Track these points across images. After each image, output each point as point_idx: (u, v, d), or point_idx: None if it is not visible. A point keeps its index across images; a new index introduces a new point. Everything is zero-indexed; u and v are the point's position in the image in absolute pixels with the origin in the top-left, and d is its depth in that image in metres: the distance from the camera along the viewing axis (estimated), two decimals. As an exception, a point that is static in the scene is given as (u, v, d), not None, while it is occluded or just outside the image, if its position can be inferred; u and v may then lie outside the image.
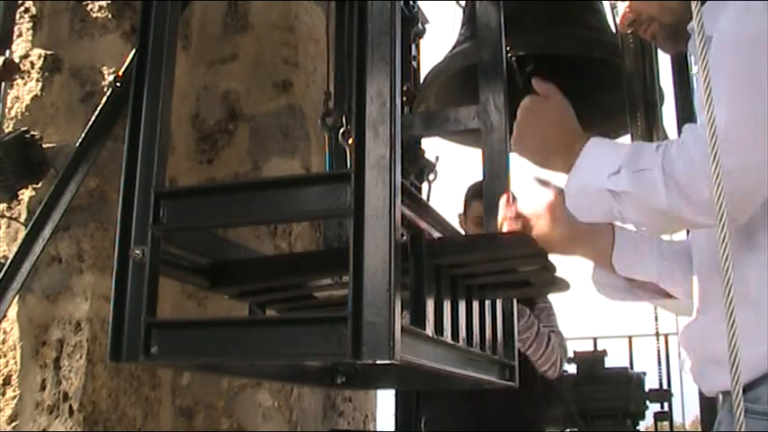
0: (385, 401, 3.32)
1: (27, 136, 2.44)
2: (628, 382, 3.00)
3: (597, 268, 1.47)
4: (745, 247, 1.14)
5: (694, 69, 1.43)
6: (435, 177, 2.35)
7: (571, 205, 1.26)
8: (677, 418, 4.23)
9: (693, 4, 0.88)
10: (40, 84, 2.83)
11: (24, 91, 2.84)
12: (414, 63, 2.57)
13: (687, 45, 1.35)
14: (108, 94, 2.46)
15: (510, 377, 1.45)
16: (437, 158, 2.36)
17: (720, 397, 1.27)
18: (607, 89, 2.44)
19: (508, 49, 1.62)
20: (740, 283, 0.92)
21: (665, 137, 2.71)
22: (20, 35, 2.86)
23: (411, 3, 2.45)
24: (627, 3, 1.41)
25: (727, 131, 0.99)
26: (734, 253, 0.87)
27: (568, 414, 3.06)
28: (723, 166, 0.87)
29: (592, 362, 3.03)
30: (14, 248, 2.39)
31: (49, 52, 2.86)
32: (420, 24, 2.52)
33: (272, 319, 1.32)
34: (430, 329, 1.12)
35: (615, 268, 1.40)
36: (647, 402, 3.04)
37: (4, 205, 2.70)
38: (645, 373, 3.14)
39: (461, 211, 2.73)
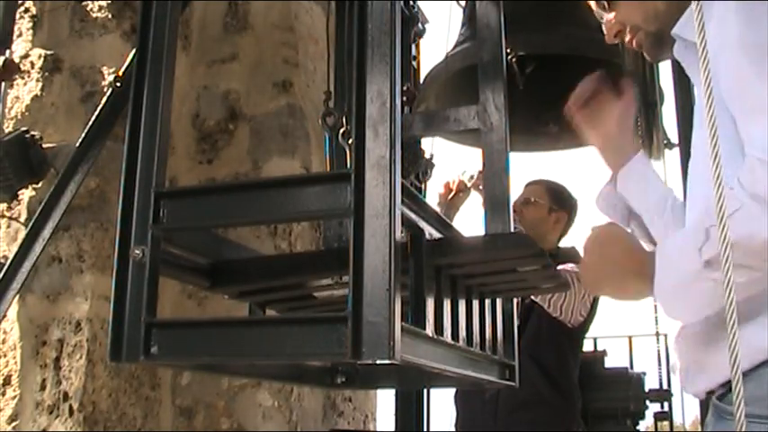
0: (385, 401, 3.32)
1: (27, 136, 2.45)
2: (628, 382, 2.99)
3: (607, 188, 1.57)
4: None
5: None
6: (429, 177, 2.36)
7: (670, 309, 1.20)
8: (677, 418, 4.24)
9: (694, 5, 0.88)
10: (40, 84, 2.83)
11: (24, 91, 2.85)
12: (414, 63, 2.57)
13: (673, 51, 1.36)
14: (108, 94, 2.46)
15: (510, 377, 1.45)
16: (431, 156, 2.37)
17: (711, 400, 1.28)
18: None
19: (508, 49, 1.62)
20: None
21: (666, 137, 2.71)
22: (20, 35, 2.86)
23: (411, 3, 2.45)
24: (611, 15, 1.42)
25: None
26: None
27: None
28: None
29: (592, 362, 3.02)
30: (14, 248, 2.39)
31: (48, 52, 2.86)
32: (420, 24, 2.52)
33: (272, 319, 1.32)
34: (430, 329, 1.12)
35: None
36: (647, 402, 3.03)
37: (4, 205, 2.70)
38: (645, 373, 3.13)
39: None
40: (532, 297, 2.73)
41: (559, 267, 2.55)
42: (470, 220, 2.84)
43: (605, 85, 1.62)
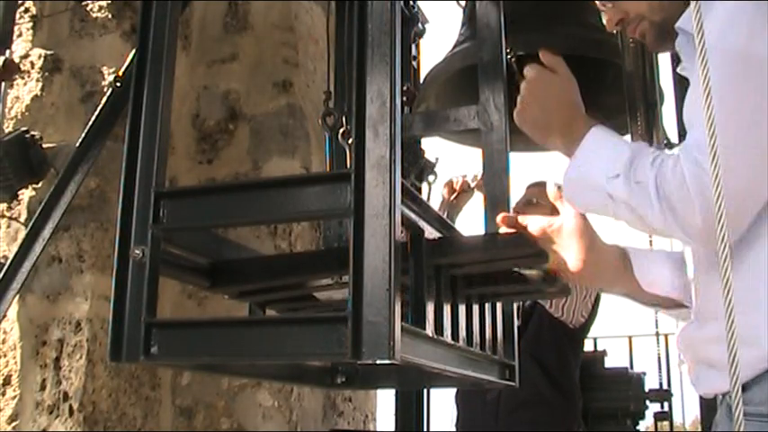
0: (385, 401, 3.32)
1: (27, 136, 2.45)
2: (628, 382, 2.99)
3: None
4: (738, 251, 1.14)
5: (680, 67, 1.41)
6: (435, 178, 2.35)
7: (568, 192, 1.27)
8: (677, 418, 4.23)
9: (693, 4, 0.88)
10: (40, 84, 2.83)
11: (24, 91, 2.85)
12: (414, 63, 2.57)
13: (675, 44, 1.35)
14: (108, 94, 2.46)
15: (510, 377, 1.45)
16: (437, 159, 2.36)
17: (720, 398, 1.27)
18: (607, 89, 2.44)
19: (508, 49, 1.61)
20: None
21: (665, 137, 2.71)
22: (20, 35, 2.86)
23: (411, 3, 2.45)
24: (614, 2, 1.40)
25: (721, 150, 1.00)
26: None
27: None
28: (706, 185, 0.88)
29: (592, 362, 3.03)
30: (14, 248, 2.39)
31: (48, 52, 2.86)
32: (420, 24, 2.52)
33: (272, 319, 1.32)
34: (430, 329, 1.12)
35: (640, 282, 1.39)
36: (647, 402, 3.03)
37: (4, 205, 2.70)
38: (645, 373, 3.13)
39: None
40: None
41: None
42: (471, 220, 2.84)
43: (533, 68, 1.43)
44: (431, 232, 1.19)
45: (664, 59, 2.40)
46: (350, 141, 1.64)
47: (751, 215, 1.12)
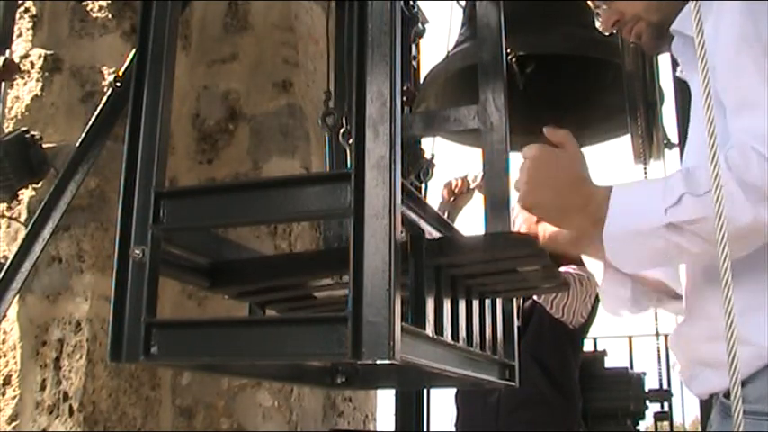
0: (385, 401, 3.32)
1: (27, 136, 2.45)
2: (628, 382, 2.99)
3: (607, 277, 1.44)
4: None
5: (678, 69, 1.41)
6: (431, 177, 2.35)
7: (615, 255, 1.16)
8: (677, 418, 4.23)
9: (692, 5, 0.88)
10: (40, 84, 2.83)
11: (24, 91, 2.84)
12: (414, 63, 2.57)
13: (671, 46, 1.35)
14: (108, 94, 2.46)
15: (510, 377, 1.45)
16: (432, 156, 2.37)
17: (715, 398, 1.27)
18: (607, 89, 2.44)
19: (508, 49, 1.61)
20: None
21: (665, 137, 2.71)
22: (20, 35, 2.86)
23: (411, 3, 2.45)
24: (610, 3, 1.40)
25: None
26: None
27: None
28: None
29: (592, 362, 3.03)
30: (14, 248, 2.39)
31: (49, 52, 2.86)
32: (420, 24, 2.52)
33: (272, 319, 1.32)
34: (430, 329, 1.12)
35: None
36: (647, 402, 3.03)
37: (4, 205, 2.70)
38: (645, 373, 3.13)
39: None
40: (534, 297, 2.74)
41: (562, 269, 2.56)
42: (471, 221, 2.84)
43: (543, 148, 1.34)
44: (431, 232, 1.19)
45: (664, 60, 2.40)
46: (350, 141, 1.64)
47: None
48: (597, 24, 1.45)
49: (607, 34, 1.50)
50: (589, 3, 1.46)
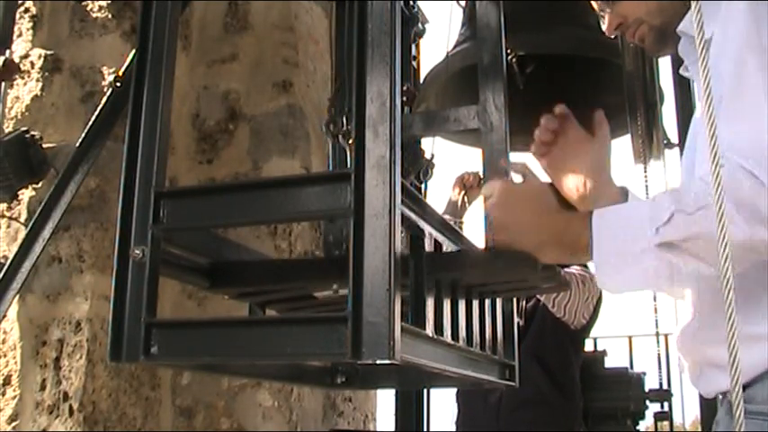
0: (385, 401, 3.32)
1: (27, 136, 2.45)
2: (628, 382, 2.99)
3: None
4: None
5: (682, 68, 1.41)
6: (430, 176, 2.35)
7: (605, 280, 1.15)
8: (677, 418, 4.23)
9: (693, 4, 0.88)
10: (40, 84, 2.83)
11: (24, 91, 2.84)
12: (414, 63, 2.57)
13: (677, 48, 1.34)
14: (108, 94, 2.46)
15: (510, 377, 1.45)
16: (432, 156, 2.37)
17: (720, 397, 1.27)
18: (607, 89, 2.44)
19: (508, 49, 1.61)
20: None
21: (665, 137, 2.71)
22: (20, 35, 2.86)
23: (411, 3, 2.45)
24: (613, 6, 1.40)
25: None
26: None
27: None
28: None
29: (592, 362, 3.03)
30: (14, 248, 2.39)
31: (49, 52, 2.86)
32: (420, 24, 2.52)
33: (272, 319, 1.32)
34: (430, 329, 1.12)
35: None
36: (647, 402, 3.03)
37: (4, 205, 2.70)
38: (645, 373, 3.13)
39: None
40: (537, 296, 2.74)
41: (564, 270, 2.56)
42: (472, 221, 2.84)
43: (571, 122, 1.40)
44: (431, 232, 1.19)
45: (664, 60, 2.41)
46: (350, 141, 1.64)
47: None
48: (603, 27, 1.45)
49: (612, 37, 1.50)
50: (594, 5, 1.46)
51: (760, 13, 1.14)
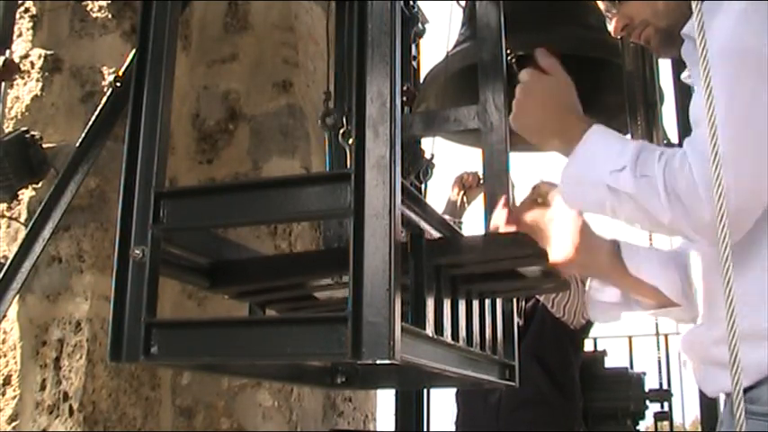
0: (385, 401, 3.32)
1: (27, 136, 2.44)
2: (628, 382, 2.99)
3: (595, 282, 1.45)
4: (746, 252, 1.14)
5: (684, 74, 1.41)
6: (430, 176, 2.35)
7: (565, 191, 1.25)
8: (677, 418, 4.23)
9: (694, 5, 0.88)
10: (40, 84, 2.83)
11: (24, 91, 2.84)
12: (414, 63, 2.57)
13: (681, 51, 1.34)
14: (108, 94, 2.46)
15: (510, 377, 1.45)
16: (432, 156, 2.37)
17: (723, 398, 1.27)
18: (607, 89, 2.44)
19: (508, 49, 1.61)
20: (740, 288, 0.92)
21: (666, 137, 2.71)
22: (20, 35, 2.86)
23: (411, 3, 2.45)
24: (618, 8, 1.39)
25: (723, 148, 0.99)
26: (736, 257, 0.87)
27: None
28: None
29: (592, 362, 3.03)
30: (14, 248, 2.39)
31: (49, 52, 2.86)
32: (420, 24, 2.52)
33: (272, 319, 1.32)
34: (430, 329, 1.12)
35: (627, 265, 1.36)
36: (647, 402, 3.03)
37: (4, 205, 2.70)
38: (645, 373, 3.13)
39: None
40: (537, 296, 2.74)
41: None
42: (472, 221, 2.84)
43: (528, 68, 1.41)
44: (431, 232, 1.19)
45: (664, 60, 2.40)
46: (350, 141, 1.64)
47: (756, 212, 1.11)
48: (609, 28, 1.45)
49: (619, 38, 1.50)
50: (600, 5, 1.45)
51: (748, 15, 1.13)
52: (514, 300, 1.51)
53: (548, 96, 1.30)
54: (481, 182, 2.75)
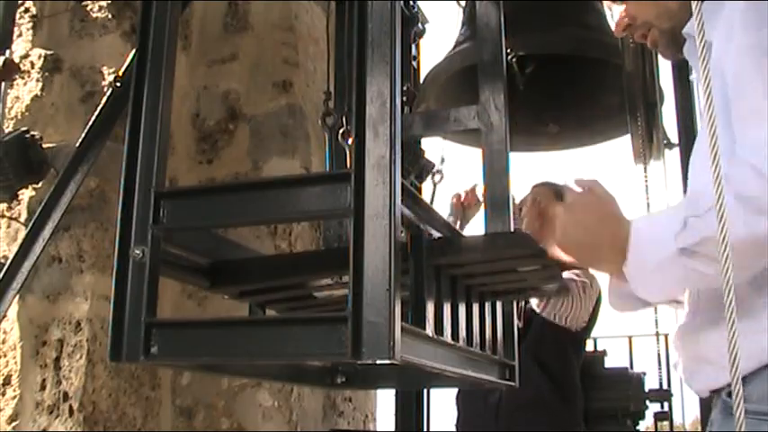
0: (385, 401, 3.32)
1: (27, 136, 2.44)
2: (628, 382, 2.99)
3: (613, 282, 1.43)
4: None
5: (693, 75, 1.41)
6: (441, 178, 2.34)
7: (639, 287, 1.18)
8: (677, 418, 4.22)
9: (694, 5, 0.88)
10: (40, 84, 2.83)
11: (24, 91, 2.84)
12: (414, 63, 2.57)
13: (683, 50, 1.34)
14: (108, 94, 2.45)
15: (510, 377, 1.45)
16: (443, 160, 2.36)
17: (714, 397, 1.27)
18: (607, 89, 2.44)
19: (508, 49, 1.61)
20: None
21: (665, 137, 2.71)
22: (20, 35, 2.86)
23: (411, 3, 2.45)
24: (623, 6, 1.39)
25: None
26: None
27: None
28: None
29: (592, 362, 3.03)
30: (14, 248, 2.39)
31: (49, 52, 2.86)
32: (420, 24, 2.52)
33: (272, 319, 1.32)
34: (430, 329, 1.12)
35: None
36: (647, 402, 3.03)
37: (4, 205, 2.70)
38: (645, 373, 3.13)
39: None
40: (537, 310, 2.73)
41: (564, 275, 2.56)
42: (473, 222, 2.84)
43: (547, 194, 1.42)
44: (431, 232, 1.19)
45: (664, 59, 2.40)
46: (350, 141, 1.64)
47: None
48: (611, 25, 1.45)
49: (620, 37, 1.50)
50: (605, 3, 1.46)
51: (755, 11, 1.14)
52: (514, 302, 1.51)
53: (594, 211, 1.24)
54: (480, 199, 2.72)
